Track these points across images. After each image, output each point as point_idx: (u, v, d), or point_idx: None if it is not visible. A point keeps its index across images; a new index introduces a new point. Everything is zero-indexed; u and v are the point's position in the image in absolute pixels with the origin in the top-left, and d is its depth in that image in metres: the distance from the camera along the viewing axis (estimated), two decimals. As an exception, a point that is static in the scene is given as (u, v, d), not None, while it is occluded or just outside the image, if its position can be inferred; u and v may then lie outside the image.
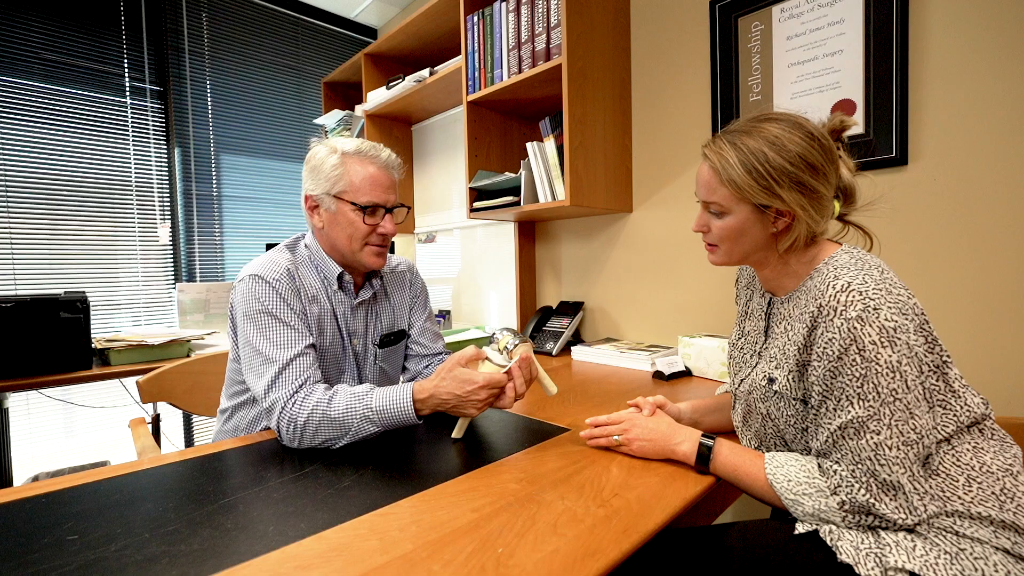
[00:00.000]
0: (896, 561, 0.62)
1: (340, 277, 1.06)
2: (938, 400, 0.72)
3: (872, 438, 0.65)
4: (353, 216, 1.00)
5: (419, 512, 0.68)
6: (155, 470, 0.83)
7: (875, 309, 0.66)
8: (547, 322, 1.90)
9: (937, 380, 0.72)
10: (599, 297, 1.90)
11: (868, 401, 0.65)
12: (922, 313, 0.71)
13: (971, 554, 0.62)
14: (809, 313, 0.72)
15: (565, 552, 0.58)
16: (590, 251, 1.91)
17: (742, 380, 0.88)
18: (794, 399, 0.76)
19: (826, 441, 0.70)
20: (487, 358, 0.93)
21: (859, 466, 0.66)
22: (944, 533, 0.65)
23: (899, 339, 0.65)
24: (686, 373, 1.43)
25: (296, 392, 0.90)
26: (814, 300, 0.72)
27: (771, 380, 0.79)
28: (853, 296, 0.67)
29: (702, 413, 0.98)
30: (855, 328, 0.66)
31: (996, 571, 0.61)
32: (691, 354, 1.44)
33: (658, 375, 1.42)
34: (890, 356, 0.64)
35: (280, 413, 0.89)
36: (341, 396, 0.89)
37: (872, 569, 0.62)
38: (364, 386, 0.92)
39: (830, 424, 0.69)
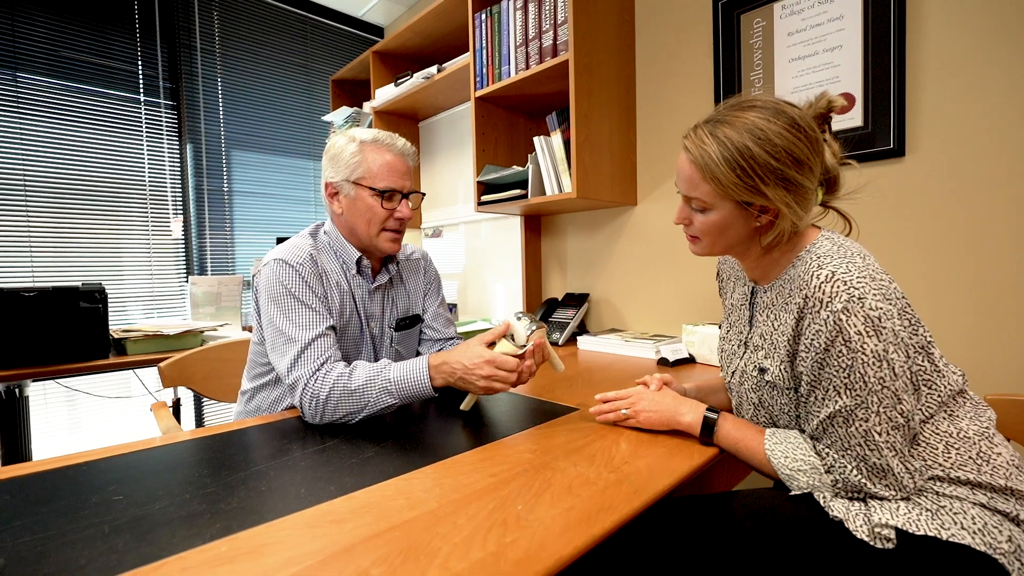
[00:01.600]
0: (881, 518, 0.66)
1: (359, 261, 1.10)
2: (924, 380, 0.73)
3: (861, 425, 0.67)
4: (371, 201, 1.05)
5: (441, 477, 0.72)
6: (185, 443, 0.88)
7: (860, 299, 0.66)
8: (553, 313, 1.94)
9: (923, 360, 0.73)
10: (604, 289, 1.94)
11: (855, 390, 0.67)
12: (903, 297, 0.72)
13: (950, 510, 0.66)
14: (795, 304, 0.73)
15: (580, 509, 0.62)
16: (595, 244, 1.96)
17: (733, 372, 0.90)
18: (787, 388, 0.78)
19: (816, 428, 0.73)
20: (503, 336, 0.97)
21: (849, 452, 0.69)
22: (925, 494, 0.69)
23: (884, 327, 0.66)
24: (690, 360, 1.47)
25: (318, 370, 0.95)
26: (799, 290, 0.73)
27: (762, 370, 0.81)
28: (838, 287, 0.68)
29: (706, 392, 1.01)
30: (840, 320, 0.66)
31: (974, 523, 0.65)
32: (694, 341, 1.48)
33: (663, 362, 1.46)
34: (876, 345, 0.65)
35: (303, 389, 0.93)
36: (360, 370, 0.94)
37: (861, 526, 0.66)
38: (382, 361, 0.97)
39: (819, 413, 0.72)
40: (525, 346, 0.95)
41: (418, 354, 1.27)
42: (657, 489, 0.67)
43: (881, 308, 0.66)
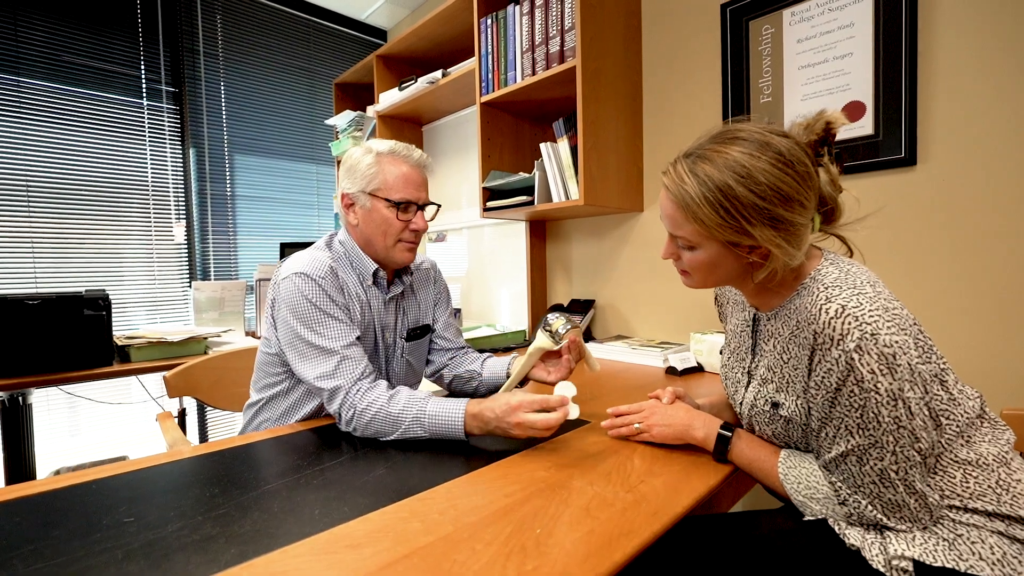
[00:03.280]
0: (897, 550, 0.64)
1: (375, 273, 1.10)
2: (941, 410, 0.70)
3: (875, 464, 0.65)
4: (387, 213, 1.05)
5: (455, 497, 0.71)
6: (193, 459, 0.87)
7: (872, 335, 0.63)
8: (558, 320, 1.93)
9: (939, 389, 0.71)
10: (610, 295, 1.93)
11: (868, 430, 0.65)
12: (915, 323, 0.70)
13: (967, 539, 0.65)
14: (806, 339, 0.70)
15: (600, 532, 0.61)
16: (601, 250, 1.95)
17: (740, 403, 0.87)
18: (803, 424, 0.75)
19: (829, 463, 0.71)
20: (545, 329, 1.02)
21: (862, 488, 0.67)
22: (942, 522, 0.67)
23: (899, 364, 0.63)
24: (698, 369, 1.46)
25: (359, 379, 0.96)
26: (808, 324, 0.69)
27: (775, 405, 0.78)
28: (849, 323, 0.64)
29: (720, 408, 1.00)
30: (853, 359, 0.64)
31: (992, 553, 0.64)
32: (703, 350, 1.47)
33: (671, 371, 1.45)
34: (890, 384, 0.63)
35: (344, 398, 0.95)
36: (402, 395, 0.95)
37: (877, 555, 0.65)
38: (423, 391, 0.97)
39: (830, 449, 0.70)
40: (561, 343, 1.00)
41: (428, 362, 1.27)
42: (676, 511, 0.67)
43: (897, 342, 0.63)
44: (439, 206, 1.15)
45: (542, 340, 1.02)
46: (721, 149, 0.71)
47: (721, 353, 0.98)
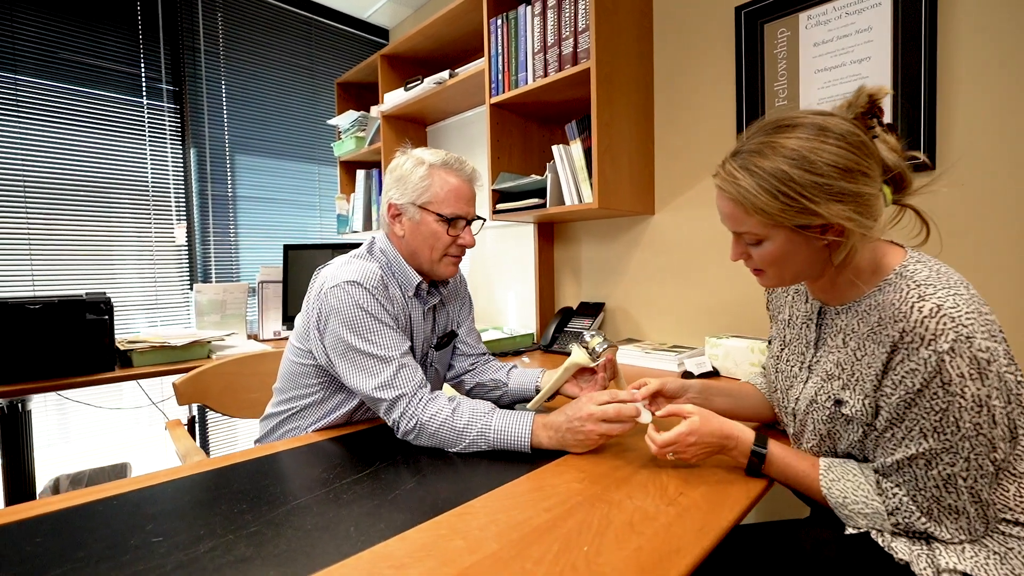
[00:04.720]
0: (947, 563, 0.63)
1: (418, 285, 1.08)
2: (1019, 423, 0.67)
3: (945, 469, 0.64)
4: (437, 227, 1.03)
5: (493, 512, 0.69)
6: (215, 472, 0.84)
7: (968, 338, 0.60)
8: (568, 323, 1.92)
9: (1015, 402, 0.67)
10: (620, 298, 1.92)
11: (945, 435, 0.63)
12: (1001, 331, 0.66)
13: (1019, 552, 0.64)
14: (888, 336, 0.67)
15: (649, 550, 0.60)
16: (611, 252, 1.93)
17: (796, 399, 0.83)
18: (866, 424, 0.72)
19: (890, 465, 0.69)
20: (582, 346, 1.02)
21: (923, 492, 0.65)
22: (992, 535, 0.66)
23: (990, 370, 0.61)
24: (714, 373, 1.45)
25: (419, 388, 0.95)
26: (894, 321, 0.66)
27: (839, 403, 0.75)
28: (945, 323, 0.61)
29: (712, 393, 0.97)
30: (944, 361, 0.61)
31: None
32: (719, 355, 1.46)
33: (687, 375, 1.44)
34: (978, 390, 0.61)
35: (405, 408, 0.93)
36: (465, 407, 0.92)
37: (925, 569, 0.64)
38: (487, 404, 0.95)
39: (894, 452, 0.68)
40: (598, 360, 1.00)
41: (451, 367, 1.25)
42: (723, 525, 0.65)
43: (990, 348, 0.61)
44: (484, 220, 1.14)
45: (579, 356, 1.01)
46: (768, 139, 0.70)
47: (769, 343, 0.94)
